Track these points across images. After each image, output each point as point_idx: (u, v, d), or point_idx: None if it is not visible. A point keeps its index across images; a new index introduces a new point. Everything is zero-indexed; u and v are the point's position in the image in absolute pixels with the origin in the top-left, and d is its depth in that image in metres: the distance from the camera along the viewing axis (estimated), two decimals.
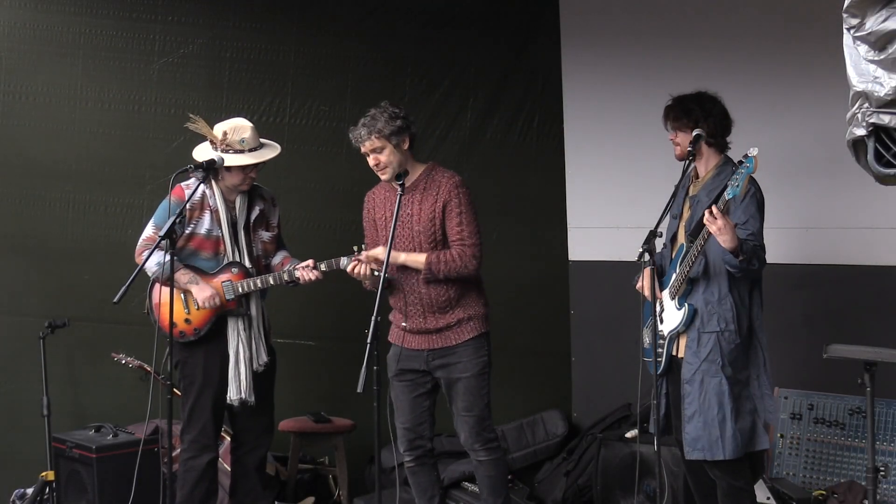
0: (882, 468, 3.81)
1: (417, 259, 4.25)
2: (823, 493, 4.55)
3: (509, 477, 5.48)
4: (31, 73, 5.67)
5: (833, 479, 4.72)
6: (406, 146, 4.29)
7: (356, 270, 4.27)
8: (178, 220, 4.24)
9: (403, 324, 4.37)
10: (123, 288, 4.01)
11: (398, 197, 4.16)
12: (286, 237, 5.45)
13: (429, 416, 4.42)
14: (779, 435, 4.88)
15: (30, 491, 5.13)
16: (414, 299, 4.31)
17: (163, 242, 4.16)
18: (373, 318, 3.81)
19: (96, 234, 5.67)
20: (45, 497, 5.06)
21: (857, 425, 4.72)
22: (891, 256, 4.78)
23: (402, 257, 4.27)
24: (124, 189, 5.66)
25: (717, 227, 3.79)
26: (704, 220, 3.83)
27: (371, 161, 4.30)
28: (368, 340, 3.77)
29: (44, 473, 5.07)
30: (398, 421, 4.40)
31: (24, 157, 5.68)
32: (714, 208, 3.80)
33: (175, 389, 4.51)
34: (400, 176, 4.20)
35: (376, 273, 4.21)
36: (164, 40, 5.71)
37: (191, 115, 4.60)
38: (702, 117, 4.12)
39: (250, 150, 4.53)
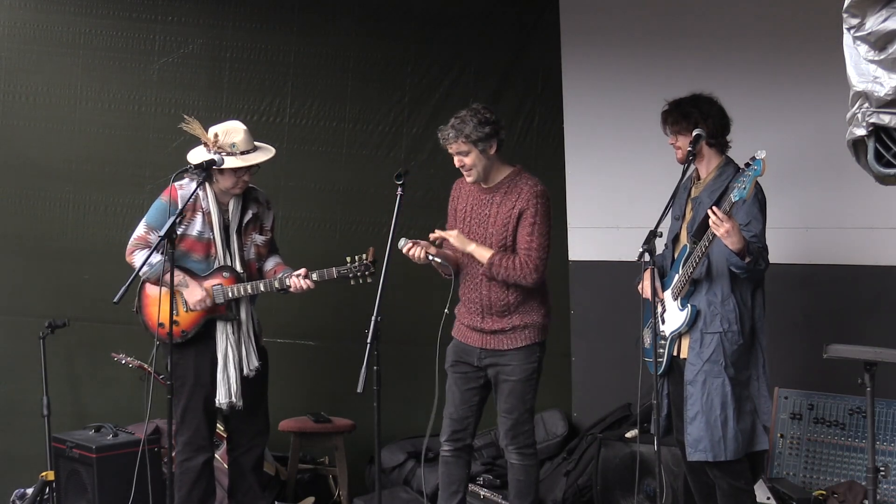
0: (882, 468, 3.81)
1: (483, 253, 4.26)
2: (823, 493, 4.55)
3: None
4: (31, 73, 5.68)
5: (833, 479, 4.72)
6: (493, 151, 4.30)
7: (411, 252, 4.28)
8: (178, 220, 4.25)
9: (464, 321, 4.41)
10: (123, 288, 4.02)
11: (398, 197, 4.14)
12: (287, 237, 5.46)
13: (476, 412, 4.44)
14: (779, 435, 4.88)
15: (30, 491, 5.13)
16: (475, 297, 4.35)
17: (153, 240, 4.22)
18: (373, 318, 3.81)
19: (96, 234, 5.67)
20: (45, 497, 5.06)
21: (857, 425, 4.72)
22: (891, 256, 4.78)
23: (472, 247, 4.28)
24: (124, 189, 5.66)
25: (725, 230, 3.79)
26: (710, 224, 3.83)
27: (456, 162, 4.32)
28: (368, 340, 3.76)
29: (44, 473, 5.07)
30: (446, 411, 4.44)
31: (24, 157, 5.68)
32: (719, 211, 3.80)
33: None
34: (400, 175, 4.18)
35: (431, 258, 4.28)
36: (164, 40, 5.71)
37: (185, 117, 4.59)
38: (701, 119, 4.11)
39: (242, 154, 4.50)
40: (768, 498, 4.55)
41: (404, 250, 4.29)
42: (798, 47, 4.93)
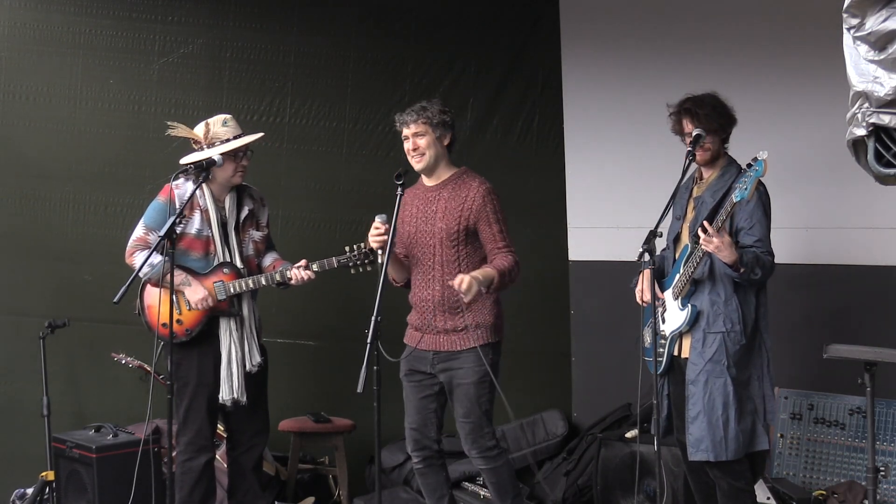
0: (882, 468, 3.81)
1: (489, 273, 4.13)
2: (823, 493, 4.55)
3: None
4: (31, 73, 5.68)
5: (833, 479, 4.72)
6: (446, 143, 4.33)
7: (375, 237, 4.16)
8: (178, 220, 4.26)
9: (415, 323, 4.37)
10: (123, 288, 4.02)
11: (398, 197, 4.15)
12: (287, 237, 5.46)
13: (435, 418, 4.38)
14: (779, 435, 4.88)
15: (30, 491, 5.13)
16: (427, 295, 4.29)
17: (152, 241, 4.29)
18: (373, 318, 3.80)
19: (96, 234, 5.67)
20: (45, 497, 5.06)
21: (857, 425, 4.72)
22: (891, 256, 4.78)
23: (477, 278, 4.06)
24: (124, 189, 5.66)
25: (714, 247, 3.81)
26: (701, 243, 3.84)
27: (409, 145, 4.31)
28: (368, 340, 3.76)
29: (44, 473, 5.06)
30: (406, 422, 4.40)
31: (24, 157, 5.68)
32: (709, 227, 3.81)
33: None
34: (400, 175, 4.19)
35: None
36: (164, 40, 5.71)
37: (168, 123, 4.60)
38: (728, 121, 4.13)
39: (235, 137, 4.53)
40: (768, 498, 4.55)
41: (378, 228, 4.15)
42: (798, 47, 4.93)
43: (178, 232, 4.42)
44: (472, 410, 4.24)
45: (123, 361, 5.28)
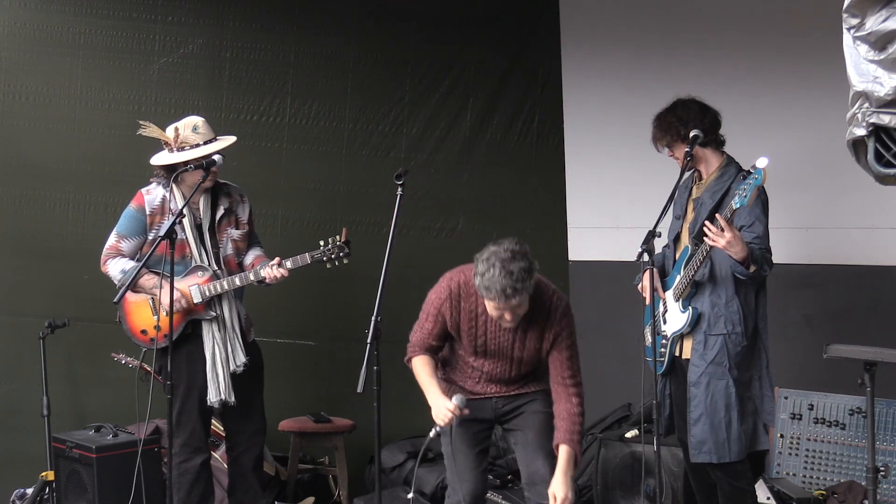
0: (882, 468, 3.81)
1: (572, 457, 3.77)
2: (823, 493, 4.55)
3: (509, 477, 5.48)
4: (31, 73, 5.67)
5: (833, 479, 4.72)
6: None
7: (448, 420, 3.73)
8: (178, 220, 4.25)
9: (473, 388, 3.98)
10: (123, 288, 4.03)
11: (398, 198, 4.11)
12: (287, 238, 5.46)
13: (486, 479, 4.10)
14: (779, 435, 4.88)
15: (30, 491, 5.13)
16: (496, 373, 3.95)
17: (124, 248, 4.44)
18: (373, 318, 3.80)
19: (96, 234, 5.63)
20: (45, 497, 5.05)
21: (857, 425, 4.72)
22: (891, 256, 4.78)
23: (567, 473, 3.74)
24: (124, 189, 5.62)
25: (727, 241, 3.79)
26: (710, 240, 3.82)
27: (507, 315, 3.70)
28: (368, 340, 3.76)
29: (44, 473, 5.06)
30: (457, 483, 3.93)
31: (24, 157, 5.68)
32: (721, 220, 3.79)
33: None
34: (400, 175, 4.14)
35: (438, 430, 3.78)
36: (164, 40, 5.71)
37: (141, 122, 4.59)
38: (680, 125, 4.12)
39: (206, 143, 4.49)
40: (768, 498, 4.55)
41: (454, 411, 3.73)
42: (798, 47, 4.93)
43: (149, 238, 4.45)
44: (549, 442, 3.87)
45: (123, 361, 5.26)
